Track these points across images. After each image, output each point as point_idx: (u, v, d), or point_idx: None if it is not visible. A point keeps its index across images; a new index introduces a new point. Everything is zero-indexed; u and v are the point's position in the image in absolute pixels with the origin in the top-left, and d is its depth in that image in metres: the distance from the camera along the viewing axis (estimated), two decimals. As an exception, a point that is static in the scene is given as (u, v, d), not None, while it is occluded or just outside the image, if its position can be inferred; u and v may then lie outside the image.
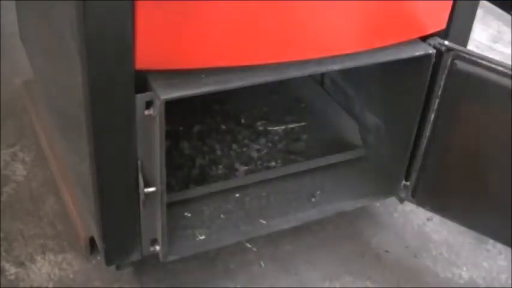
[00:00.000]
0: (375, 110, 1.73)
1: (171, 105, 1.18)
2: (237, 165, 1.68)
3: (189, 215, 1.53)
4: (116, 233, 1.35)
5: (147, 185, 1.27)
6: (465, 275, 1.72)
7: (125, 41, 1.09)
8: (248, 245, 1.71)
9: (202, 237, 1.47)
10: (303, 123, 1.79)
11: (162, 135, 1.20)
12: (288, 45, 1.27)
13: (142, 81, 1.17)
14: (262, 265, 1.68)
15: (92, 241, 1.57)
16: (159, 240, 1.38)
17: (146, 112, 1.18)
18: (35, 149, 1.99)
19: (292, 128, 1.73)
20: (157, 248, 1.40)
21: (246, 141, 1.77)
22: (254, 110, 1.88)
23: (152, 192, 1.29)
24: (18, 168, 1.92)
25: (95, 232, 1.45)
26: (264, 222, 1.54)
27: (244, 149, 1.74)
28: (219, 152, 1.72)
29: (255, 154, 1.72)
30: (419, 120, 1.54)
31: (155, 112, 1.17)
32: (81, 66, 1.10)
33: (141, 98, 1.16)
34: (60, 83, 1.47)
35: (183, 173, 1.62)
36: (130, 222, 1.34)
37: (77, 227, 1.62)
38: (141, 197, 1.28)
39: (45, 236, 1.70)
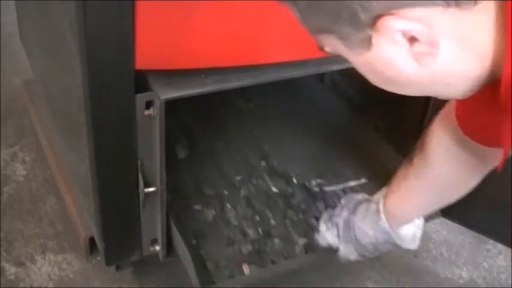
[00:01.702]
0: (375, 109, 1.73)
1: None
2: (295, 237, 1.44)
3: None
4: (116, 233, 1.35)
5: (147, 185, 1.27)
6: (465, 275, 1.72)
7: (124, 41, 1.09)
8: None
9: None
10: (362, 180, 1.59)
11: (162, 135, 1.20)
12: (288, 45, 1.27)
13: (142, 81, 1.17)
14: (262, 265, 1.68)
15: (92, 241, 1.57)
16: (159, 240, 1.38)
17: (146, 112, 1.18)
18: (35, 149, 1.99)
19: (351, 187, 1.55)
20: (157, 248, 1.40)
21: (302, 206, 1.52)
22: (305, 167, 1.65)
23: (152, 192, 1.29)
24: (18, 168, 1.92)
25: (95, 232, 1.45)
26: None
27: (301, 216, 1.50)
28: (272, 221, 1.48)
29: (313, 222, 1.47)
30: (420, 120, 1.54)
31: (155, 112, 1.17)
32: (81, 66, 1.10)
33: (141, 98, 1.16)
34: (60, 83, 1.47)
35: (233, 250, 1.39)
36: (130, 222, 1.34)
37: (77, 227, 1.62)
38: (141, 197, 1.28)
39: (45, 236, 1.70)
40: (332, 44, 0.72)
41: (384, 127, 1.69)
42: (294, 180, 1.60)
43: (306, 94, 1.98)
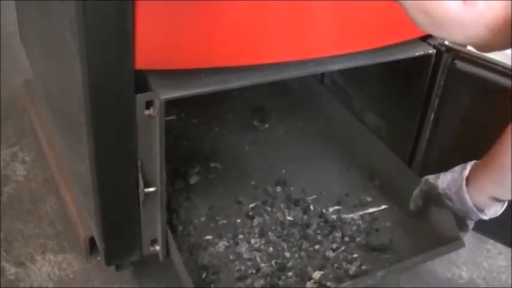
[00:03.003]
0: (375, 109, 1.73)
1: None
2: (310, 270, 1.37)
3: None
4: (116, 233, 1.35)
5: (147, 185, 1.27)
6: (465, 275, 1.72)
7: (125, 41, 1.09)
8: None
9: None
10: (383, 207, 1.55)
11: (162, 135, 1.20)
12: (288, 45, 1.27)
13: (142, 81, 1.17)
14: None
15: (92, 241, 1.57)
16: (159, 240, 1.38)
17: (146, 112, 1.18)
18: (35, 149, 1.99)
19: (371, 214, 1.52)
20: (157, 248, 1.40)
21: (319, 237, 1.46)
22: (322, 191, 1.60)
23: (152, 192, 1.29)
24: (18, 168, 1.93)
25: (95, 232, 1.45)
26: None
27: (317, 247, 1.44)
28: (287, 254, 1.41)
29: (330, 253, 1.42)
30: (419, 120, 1.54)
31: (155, 112, 1.17)
32: (81, 66, 1.10)
33: (141, 98, 1.16)
34: (60, 83, 1.47)
35: (245, 284, 1.33)
36: (130, 222, 1.34)
37: (77, 227, 1.62)
38: (141, 197, 1.28)
39: (45, 236, 1.70)
40: None
41: (384, 127, 1.69)
42: (311, 208, 1.54)
43: (306, 94, 1.98)
